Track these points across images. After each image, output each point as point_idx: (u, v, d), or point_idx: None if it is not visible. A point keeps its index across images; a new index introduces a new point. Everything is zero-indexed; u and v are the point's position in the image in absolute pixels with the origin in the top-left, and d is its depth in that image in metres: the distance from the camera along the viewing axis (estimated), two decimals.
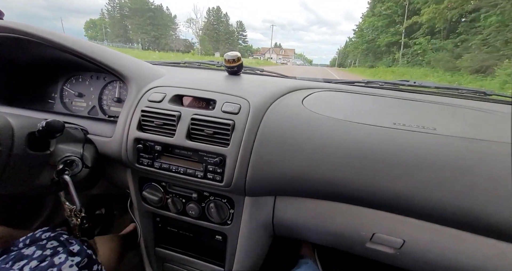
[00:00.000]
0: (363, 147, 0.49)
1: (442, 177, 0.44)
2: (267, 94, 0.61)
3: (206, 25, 58.52)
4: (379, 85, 0.83)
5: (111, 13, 57.72)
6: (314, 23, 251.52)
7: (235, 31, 68.24)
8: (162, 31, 55.20)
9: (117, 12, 56.75)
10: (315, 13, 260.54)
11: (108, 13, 58.28)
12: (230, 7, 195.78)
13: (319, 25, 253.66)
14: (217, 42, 59.37)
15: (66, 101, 0.83)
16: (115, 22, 57.07)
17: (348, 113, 0.58)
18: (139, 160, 0.61)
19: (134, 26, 54.02)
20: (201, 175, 0.56)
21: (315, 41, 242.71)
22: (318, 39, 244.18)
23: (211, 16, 60.02)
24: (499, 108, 0.65)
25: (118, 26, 56.81)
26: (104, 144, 0.64)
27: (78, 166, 0.59)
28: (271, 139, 0.53)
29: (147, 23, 53.98)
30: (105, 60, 0.64)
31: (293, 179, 0.52)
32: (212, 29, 59.53)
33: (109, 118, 0.75)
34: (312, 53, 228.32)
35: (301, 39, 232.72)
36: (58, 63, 0.80)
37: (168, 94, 0.61)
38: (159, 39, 54.73)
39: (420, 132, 0.50)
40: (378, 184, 0.47)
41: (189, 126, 0.56)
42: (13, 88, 0.80)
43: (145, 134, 0.59)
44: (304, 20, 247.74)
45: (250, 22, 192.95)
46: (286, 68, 24.44)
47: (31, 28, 0.61)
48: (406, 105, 0.66)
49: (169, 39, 54.98)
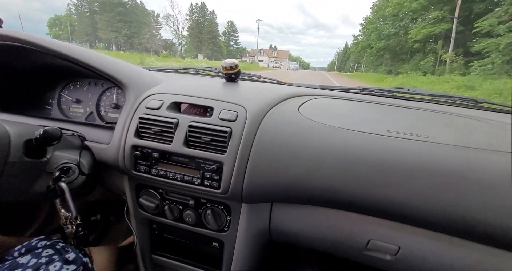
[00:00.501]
0: (358, 155, 0.50)
1: (435, 185, 0.45)
2: (264, 102, 0.62)
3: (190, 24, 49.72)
4: (374, 92, 0.85)
5: (79, 8, 48.73)
6: (312, 27, 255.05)
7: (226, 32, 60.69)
8: (136, 29, 45.93)
9: (85, 7, 47.74)
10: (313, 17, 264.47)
11: (76, 8, 49.22)
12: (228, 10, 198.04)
13: (317, 29, 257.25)
14: (201, 43, 49.76)
15: (63, 107, 0.83)
16: (83, 19, 47.89)
17: (344, 120, 0.59)
18: (136, 167, 0.61)
19: (103, 23, 44.80)
20: (198, 182, 0.57)
21: (313, 45, 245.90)
22: (315, 42, 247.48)
23: (194, 13, 49.99)
24: (489, 116, 0.67)
25: (86, 23, 47.63)
26: (101, 151, 0.64)
27: (75, 173, 0.59)
28: (268, 147, 0.54)
29: (117, 20, 44.82)
30: (103, 67, 0.65)
31: (290, 186, 0.53)
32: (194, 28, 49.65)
33: (106, 125, 0.75)
34: (310, 56, 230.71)
35: (299, 42, 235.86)
36: (56, 70, 0.80)
37: (166, 101, 0.62)
38: (132, 38, 46.09)
39: (413, 140, 0.51)
40: (373, 191, 0.48)
41: (187, 133, 0.56)
42: (10, 94, 0.80)
43: (142, 141, 0.60)
44: (301, 24, 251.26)
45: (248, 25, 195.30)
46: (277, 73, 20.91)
47: (29, 37, 0.61)
48: (400, 113, 0.67)
49: (144, 39, 45.62)
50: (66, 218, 0.56)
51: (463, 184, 0.44)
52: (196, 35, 49.32)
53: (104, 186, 0.73)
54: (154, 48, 44.98)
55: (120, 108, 0.79)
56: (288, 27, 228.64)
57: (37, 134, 0.48)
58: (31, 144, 0.50)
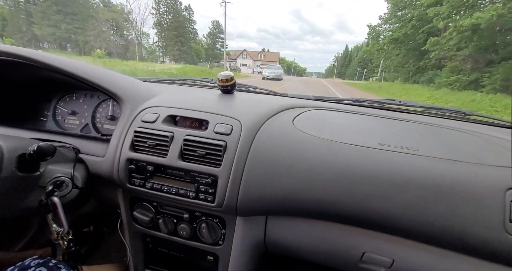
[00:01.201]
0: (350, 168, 0.51)
1: (425, 197, 0.46)
2: (259, 114, 0.63)
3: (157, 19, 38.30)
4: (367, 103, 0.87)
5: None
6: (308, 33, 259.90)
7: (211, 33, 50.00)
8: (81, 24, 32.34)
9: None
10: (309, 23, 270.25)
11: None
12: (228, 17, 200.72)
13: (313, 35, 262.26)
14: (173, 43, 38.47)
15: (58, 119, 0.83)
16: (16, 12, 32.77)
17: (337, 133, 0.60)
18: (131, 180, 0.61)
19: (38, 16, 31.36)
20: (193, 195, 0.57)
21: (309, 50, 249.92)
22: (312, 48, 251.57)
23: (161, 7, 38.51)
24: (476, 128, 0.69)
25: (19, 16, 32.81)
26: (96, 164, 0.64)
27: (68, 187, 0.58)
28: (262, 160, 0.54)
29: (55, 11, 31.14)
30: (99, 81, 0.66)
31: (284, 199, 0.53)
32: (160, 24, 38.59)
33: (101, 137, 0.75)
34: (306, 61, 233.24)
35: (295, 48, 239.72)
36: (52, 82, 0.81)
37: (162, 115, 0.62)
38: (76, 35, 32.87)
39: (404, 153, 0.52)
40: (365, 203, 0.48)
41: (182, 147, 0.57)
42: (4, 107, 0.80)
43: (137, 154, 0.60)
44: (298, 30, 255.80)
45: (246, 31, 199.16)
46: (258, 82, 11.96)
47: (24, 52, 0.62)
48: (391, 125, 0.69)
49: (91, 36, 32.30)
50: (57, 234, 0.55)
51: (452, 197, 0.44)
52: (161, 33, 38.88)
53: (97, 199, 0.72)
54: (107, 48, 32.31)
55: (116, 120, 0.79)
56: (285, 33, 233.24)
57: (31, 150, 0.48)
58: (24, 159, 0.49)
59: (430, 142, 0.58)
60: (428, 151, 0.52)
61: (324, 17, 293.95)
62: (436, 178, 0.47)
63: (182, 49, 39.20)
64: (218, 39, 51.81)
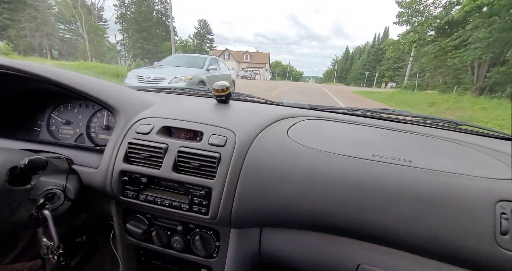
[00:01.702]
0: (344, 179, 0.51)
1: (418, 210, 0.46)
2: (253, 125, 0.63)
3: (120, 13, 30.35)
4: (361, 112, 0.88)
5: None
6: (305, 37, 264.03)
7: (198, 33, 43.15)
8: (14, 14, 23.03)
9: None
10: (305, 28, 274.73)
11: None
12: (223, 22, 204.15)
13: (310, 39, 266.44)
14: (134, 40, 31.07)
15: (52, 129, 0.83)
16: None
17: (331, 143, 0.60)
18: (124, 192, 0.60)
19: None
20: (187, 207, 0.56)
21: (306, 55, 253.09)
22: (309, 52, 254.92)
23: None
24: (467, 138, 0.70)
25: None
26: (89, 175, 0.63)
27: (60, 199, 0.57)
28: (256, 172, 0.54)
29: None
30: (93, 92, 0.66)
31: (278, 210, 0.53)
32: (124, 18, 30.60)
33: (95, 148, 0.74)
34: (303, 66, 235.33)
35: (293, 52, 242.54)
36: (47, 93, 0.80)
37: (156, 126, 0.62)
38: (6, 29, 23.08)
39: (396, 165, 0.52)
40: (359, 216, 0.48)
41: (176, 159, 0.57)
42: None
43: (131, 166, 0.59)
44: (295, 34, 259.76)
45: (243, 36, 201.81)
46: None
47: (15, 64, 0.62)
48: (385, 135, 0.70)
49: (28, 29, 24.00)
50: (47, 248, 0.54)
51: (444, 210, 0.45)
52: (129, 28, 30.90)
53: (90, 211, 0.71)
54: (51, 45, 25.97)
55: (110, 129, 0.79)
56: (282, 37, 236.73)
57: (22, 164, 0.48)
58: (15, 172, 0.49)
59: (422, 153, 0.59)
60: (420, 163, 0.53)
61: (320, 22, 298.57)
62: (428, 191, 0.47)
63: (145, 48, 30.76)
64: (206, 39, 45.15)
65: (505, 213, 0.43)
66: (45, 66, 0.65)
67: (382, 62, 43.74)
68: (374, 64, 49.43)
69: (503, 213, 0.43)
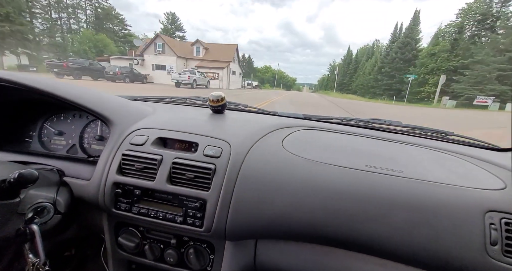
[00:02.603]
0: (338, 190, 0.51)
1: (411, 220, 0.46)
2: (248, 136, 0.64)
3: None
4: (354, 122, 0.90)
5: None
6: (299, 45, 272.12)
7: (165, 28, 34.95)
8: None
9: None
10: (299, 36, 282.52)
11: None
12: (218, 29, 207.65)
13: (303, 47, 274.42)
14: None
15: (44, 140, 0.81)
16: None
17: (325, 154, 0.61)
18: (117, 205, 0.59)
19: None
20: (181, 220, 0.56)
21: (301, 62, 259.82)
22: (303, 60, 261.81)
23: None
24: (456, 148, 0.72)
25: None
26: (81, 188, 0.62)
27: (50, 213, 0.56)
28: (251, 183, 0.54)
29: None
30: (87, 103, 0.65)
31: (273, 222, 0.53)
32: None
33: (88, 159, 0.73)
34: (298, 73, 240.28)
35: (287, 60, 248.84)
36: (39, 103, 0.79)
37: (151, 137, 0.62)
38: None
39: (389, 175, 0.53)
40: (354, 227, 0.49)
41: (170, 170, 0.56)
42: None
43: (124, 178, 0.59)
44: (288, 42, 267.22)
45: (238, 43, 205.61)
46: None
47: (8, 75, 0.61)
48: (377, 145, 0.71)
49: None
50: (33, 265, 0.52)
51: (435, 221, 0.45)
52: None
53: (80, 224, 0.69)
54: None
55: (104, 140, 0.78)
56: (276, 45, 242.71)
57: (11, 178, 0.46)
58: (4, 185, 0.48)
59: (413, 163, 0.60)
60: (411, 173, 0.54)
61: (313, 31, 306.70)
62: (420, 201, 0.48)
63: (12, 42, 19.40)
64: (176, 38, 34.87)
65: (494, 224, 0.44)
66: (37, 77, 0.64)
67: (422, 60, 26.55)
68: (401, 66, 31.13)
69: (492, 224, 0.44)
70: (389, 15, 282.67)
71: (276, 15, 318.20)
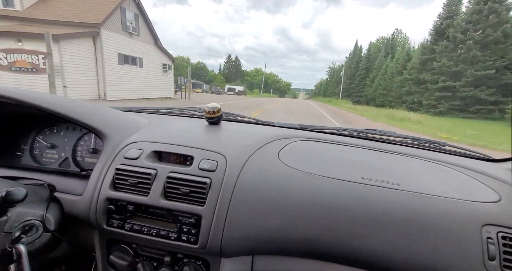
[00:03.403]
0: (334, 204, 0.51)
1: (408, 236, 0.46)
2: (245, 148, 0.64)
3: None
4: (350, 133, 0.90)
5: None
6: (294, 51, 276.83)
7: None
8: None
9: None
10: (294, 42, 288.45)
11: None
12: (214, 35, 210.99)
13: (299, 53, 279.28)
14: None
15: (36, 153, 0.79)
16: None
17: (321, 166, 0.61)
18: (109, 221, 0.57)
19: None
20: (175, 236, 0.54)
21: (297, 68, 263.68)
22: (299, 65, 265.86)
23: None
24: (451, 159, 0.73)
25: None
26: (72, 203, 0.60)
27: (38, 231, 0.54)
28: (247, 198, 0.54)
29: None
30: (78, 116, 0.64)
31: (270, 238, 0.52)
32: None
33: (81, 173, 0.71)
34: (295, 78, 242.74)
35: (283, 65, 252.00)
36: (31, 116, 0.78)
37: (146, 150, 0.62)
38: None
39: (385, 188, 0.53)
40: (351, 243, 0.48)
41: (165, 185, 0.55)
42: None
43: (118, 193, 0.57)
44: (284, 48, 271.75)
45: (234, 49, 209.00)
46: None
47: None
48: (373, 156, 0.71)
49: None
50: None
51: (433, 235, 0.45)
52: None
53: (70, 241, 0.67)
54: None
55: (98, 153, 0.77)
56: (272, 51, 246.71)
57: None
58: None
59: (409, 175, 0.60)
60: (408, 186, 0.54)
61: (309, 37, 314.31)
62: (417, 215, 0.47)
63: None
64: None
65: (491, 238, 0.43)
66: (29, 91, 0.64)
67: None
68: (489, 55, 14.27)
69: (489, 238, 0.43)
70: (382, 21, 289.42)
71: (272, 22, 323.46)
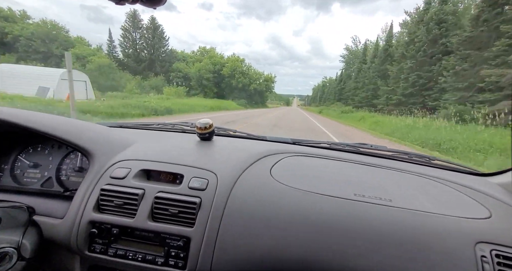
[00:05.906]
0: (327, 223, 0.50)
1: (402, 256, 0.45)
2: (236, 165, 0.63)
3: None
4: (341, 147, 0.91)
5: None
6: (287, 58, 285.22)
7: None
8: None
9: None
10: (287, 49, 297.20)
11: None
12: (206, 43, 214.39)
13: (292, 60, 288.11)
14: None
15: (16, 173, 0.75)
16: None
17: (314, 182, 0.60)
18: (91, 246, 0.54)
19: None
20: (162, 261, 0.51)
21: (290, 74, 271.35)
22: (292, 72, 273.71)
23: None
24: (441, 174, 0.74)
25: None
26: (52, 227, 0.57)
27: (12, 259, 0.50)
28: (238, 217, 0.52)
29: None
30: (62, 133, 0.62)
31: (262, 259, 0.49)
32: None
33: (64, 193, 0.68)
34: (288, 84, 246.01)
35: (277, 72, 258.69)
36: (14, 134, 0.75)
37: (133, 169, 0.60)
38: None
39: (378, 204, 0.53)
40: (345, 263, 0.46)
41: (153, 205, 0.53)
42: None
43: (102, 215, 0.55)
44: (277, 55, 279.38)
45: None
46: None
47: None
48: (365, 172, 0.71)
49: None
50: None
51: (427, 254, 0.44)
52: None
53: (49, 268, 0.62)
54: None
55: (83, 172, 0.73)
56: (265, 58, 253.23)
57: None
58: None
59: (401, 191, 0.60)
60: (400, 202, 0.54)
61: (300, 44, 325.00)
62: (410, 233, 0.47)
63: None
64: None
65: (485, 256, 0.43)
66: (10, 109, 0.62)
67: None
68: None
69: (483, 256, 0.43)
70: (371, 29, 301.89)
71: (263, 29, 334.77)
